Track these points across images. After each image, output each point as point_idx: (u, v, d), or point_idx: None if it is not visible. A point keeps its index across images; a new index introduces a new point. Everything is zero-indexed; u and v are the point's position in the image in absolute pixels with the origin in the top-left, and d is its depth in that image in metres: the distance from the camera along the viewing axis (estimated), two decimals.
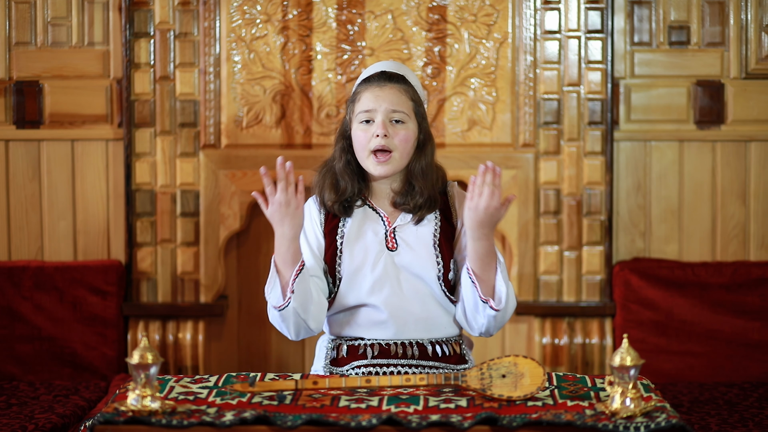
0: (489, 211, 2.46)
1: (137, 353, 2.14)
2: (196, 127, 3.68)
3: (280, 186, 2.48)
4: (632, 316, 3.60)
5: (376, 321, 2.63)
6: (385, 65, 2.74)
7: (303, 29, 3.65)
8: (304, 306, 2.54)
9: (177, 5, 3.64)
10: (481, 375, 2.26)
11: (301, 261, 2.52)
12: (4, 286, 3.61)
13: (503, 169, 3.64)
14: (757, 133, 3.71)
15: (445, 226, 2.68)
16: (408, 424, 2.09)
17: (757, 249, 3.73)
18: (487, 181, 2.45)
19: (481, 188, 2.45)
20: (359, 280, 2.63)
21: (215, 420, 2.11)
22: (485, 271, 2.54)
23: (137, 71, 3.66)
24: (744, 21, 3.67)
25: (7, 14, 3.70)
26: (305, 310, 2.54)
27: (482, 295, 2.54)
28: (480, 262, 2.53)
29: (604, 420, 2.10)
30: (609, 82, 3.63)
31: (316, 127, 3.67)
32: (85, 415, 3.22)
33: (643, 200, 3.75)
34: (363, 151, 2.64)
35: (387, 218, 2.67)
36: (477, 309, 2.57)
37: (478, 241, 2.51)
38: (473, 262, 2.53)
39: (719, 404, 3.26)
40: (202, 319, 3.72)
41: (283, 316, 2.55)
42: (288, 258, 2.52)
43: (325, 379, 2.31)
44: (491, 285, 2.55)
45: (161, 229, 3.70)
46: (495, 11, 3.63)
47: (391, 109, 2.64)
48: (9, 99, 3.72)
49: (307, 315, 2.55)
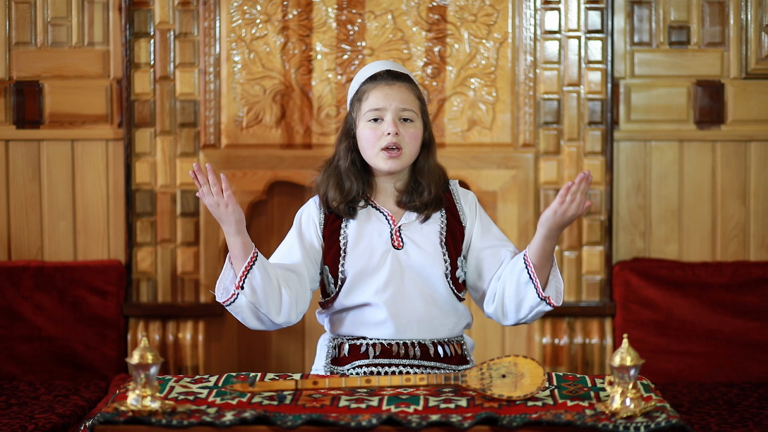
0: (574, 217, 2.47)
1: (137, 353, 2.14)
2: (196, 127, 3.68)
3: (204, 190, 2.50)
4: (632, 316, 3.61)
5: (377, 320, 2.63)
6: (389, 64, 2.74)
7: (303, 29, 3.65)
8: (257, 300, 2.54)
9: (177, 5, 3.64)
10: (481, 375, 2.26)
11: (252, 254, 2.52)
12: (4, 286, 3.61)
13: (503, 169, 3.64)
14: (757, 133, 3.71)
15: (451, 224, 2.68)
16: (408, 424, 2.09)
17: (757, 249, 3.73)
18: (582, 189, 2.45)
19: (575, 195, 2.45)
20: (365, 280, 2.63)
21: (215, 420, 2.11)
22: (544, 268, 2.55)
23: (137, 71, 3.66)
24: (744, 21, 3.67)
25: (7, 14, 3.70)
26: (259, 304, 2.54)
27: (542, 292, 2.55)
28: (544, 259, 2.54)
29: (604, 420, 2.10)
30: (609, 82, 3.63)
31: (316, 127, 3.67)
32: (85, 415, 3.22)
33: (643, 200, 3.75)
34: (372, 148, 2.64)
35: (391, 217, 2.67)
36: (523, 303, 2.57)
37: (549, 240, 2.52)
38: (538, 259, 2.54)
39: (719, 404, 3.26)
40: (202, 319, 3.73)
41: (233, 310, 2.57)
42: (236, 251, 2.53)
43: (325, 379, 2.31)
44: (545, 280, 2.56)
45: (161, 229, 3.70)
46: (495, 11, 3.63)
47: (402, 108, 2.64)
48: (9, 99, 3.72)
49: (269, 309, 2.55)
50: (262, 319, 2.58)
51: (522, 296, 2.57)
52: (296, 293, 2.61)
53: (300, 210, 2.74)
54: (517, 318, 2.62)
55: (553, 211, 2.47)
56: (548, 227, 2.50)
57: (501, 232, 2.73)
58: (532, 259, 2.54)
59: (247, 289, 2.53)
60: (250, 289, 2.53)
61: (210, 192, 2.49)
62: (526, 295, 2.56)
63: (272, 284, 2.55)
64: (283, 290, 2.58)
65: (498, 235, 2.71)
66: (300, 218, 2.72)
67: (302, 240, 2.67)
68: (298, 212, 2.74)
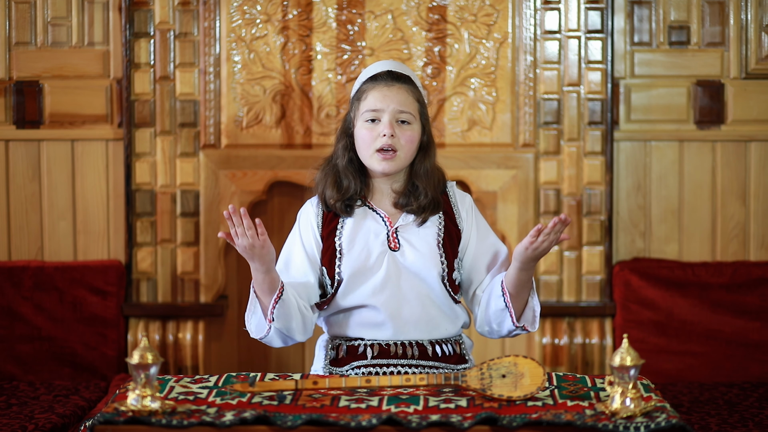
0: (547, 251, 2.51)
1: (137, 353, 2.14)
2: (196, 127, 3.68)
3: (239, 232, 2.45)
4: (632, 316, 3.61)
5: (374, 322, 2.63)
6: (390, 65, 2.74)
7: (303, 29, 3.65)
8: (287, 326, 2.57)
9: (177, 5, 3.64)
10: (481, 375, 2.26)
11: (280, 287, 2.53)
12: (4, 286, 3.61)
13: (503, 169, 3.64)
14: (757, 133, 3.71)
15: (448, 227, 2.68)
16: (408, 424, 2.09)
17: (757, 249, 3.73)
18: (556, 230, 2.47)
19: (549, 236, 2.47)
20: (361, 281, 2.63)
21: (215, 420, 2.11)
22: (521, 294, 2.59)
23: (137, 71, 3.66)
24: (744, 21, 3.67)
25: (7, 14, 3.70)
26: (288, 329, 2.58)
27: (516, 321, 2.59)
28: (520, 287, 2.57)
29: (604, 420, 2.10)
30: (609, 82, 3.63)
31: (316, 127, 3.67)
32: (85, 415, 3.22)
33: (643, 200, 3.75)
34: (367, 149, 2.64)
35: (388, 218, 2.67)
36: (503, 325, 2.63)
37: (524, 272, 2.55)
38: (513, 287, 2.57)
39: (719, 404, 3.26)
40: (202, 319, 3.72)
41: (267, 340, 2.61)
42: (265, 287, 2.53)
43: (325, 379, 2.31)
44: (523, 305, 2.60)
45: (161, 229, 3.70)
46: (495, 11, 3.63)
47: (399, 110, 2.63)
48: (9, 99, 3.72)
49: (292, 332, 2.60)
50: (287, 341, 2.63)
51: (500, 320, 2.63)
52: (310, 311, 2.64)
53: (299, 214, 2.74)
54: (500, 336, 2.69)
55: (524, 247, 2.50)
56: (521, 261, 2.53)
57: (495, 237, 2.75)
58: (508, 287, 2.58)
59: (276, 319, 2.55)
60: (278, 319, 2.55)
61: (245, 234, 2.44)
62: (503, 320, 2.62)
63: (295, 308, 2.58)
64: (304, 311, 2.61)
65: (493, 242, 2.73)
66: (299, 225, 2.72)
67: (305, 251, 2.68)
68: (297, 217, 2.74)
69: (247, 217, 2.44)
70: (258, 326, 2.58)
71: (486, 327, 2.69)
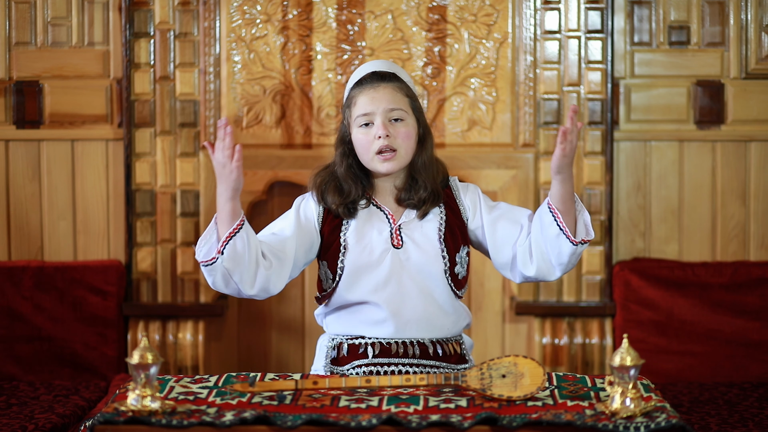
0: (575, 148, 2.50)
1: (137, 353, 2.14)
2: (196, 127, 3.68)
3: (217, 146, 2.47)
4: (632, 316, 3.61)
5: (375, 319, 2.63)
6: (374, 65, 2.74)
7: (303, 29, 3.65)
8: (234, 268, 2.52)
9: (177, 5, 3.64)
10: (481, 375, 2.26)
11: (240, 221, 2.50)
12: (4, 286, 3.61)
13: (503, 169, 3.65)
14: (757, 133, 3.71)
15: (450, 220, 2.68)
16: (408, 424, 2.09)
17: (757, 249, 3.73)
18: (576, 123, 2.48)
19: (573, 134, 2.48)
20: (364, 277, 2.63)
21: (215, 420, 2.11)
22: (570, 211, 2.56)
23: (137, 71, 3.66)
24: (744, 21, 3.67)
25: (7, 14, 3.71)
26: (234, 272, 2.52)
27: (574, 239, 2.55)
28: (569, 202, 2.55)
29: (604, 420, 2.10)
30: (609, 82, 3.63)
31: (316, 127, 3.67)
32: (85, 415, 3.22)
33: (643, 200, 3.75)
34: (367, 153, 2.64)
35: (392, 216, 2.68)
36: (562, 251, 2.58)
37: (568, 182, 2.54)
38: (562, 203, 2.55)
39: (719, 404, 3.26)
40: (202, 319, 3.73)
41: (209, 271, 2.55)
42: (224, 215, 2.50)
43: (325, 379, 2.31)
44: (573, 222, 2.57)
45: (161, 229, 3.70)
46: (495, 11, 3.64)
47: (389, 108, 2.64)
48: (9, 99, 3.72)
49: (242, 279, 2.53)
50: (231, 285, 2.56)
51: (558, 248, 2.58)
52: (272, 274, 2.59)
53: (299, 197, 2.73)
54: (562, 268, 2.62)
55: (562, 156, 2.49)
56: (563, 171, 2.52)
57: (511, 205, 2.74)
58: (557, 205, 2.55)
59: (226, 255, 2.51)
60: (229, 256, 2.51)
61: (222, 150, 2.46)
62: (561, 246, 2.57)
63: (251, 256, 2.53)
64: (260, 266, 2.56)
65: (507, 206, 2.72)
66: (300, 204, 2.71)
67: (299, 222, 2.66)
68: (298, 199, 2.73)
69: (230, 137, 2.45)
70: (208, 252, 2.54)
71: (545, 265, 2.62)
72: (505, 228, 2.67)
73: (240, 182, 2.49)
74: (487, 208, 2.70)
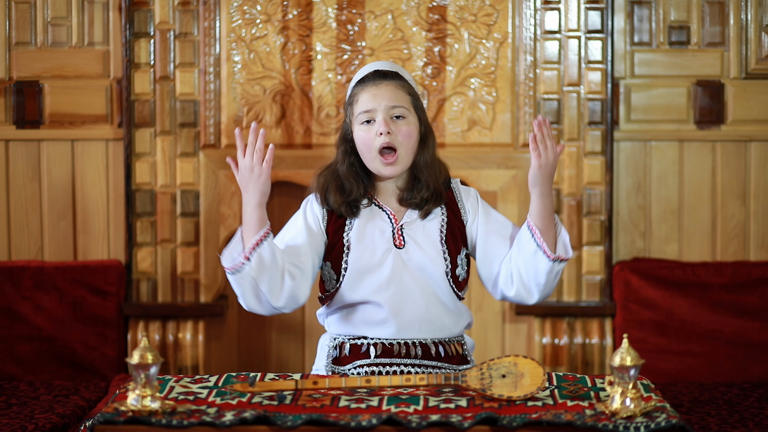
0: (555, 162, 2.54)
1: (137, 353, 2.14)
2: (196, 127, 3.68)
3: (248, 150, 2.52)
4: (632, 316, 3.61)
5: (377, 319, 2.63)
6: (376, 65, 2.74)
7: (303, 29, 3.65)
8: (261, 276, 2.52)
9: (177, 5, 3.64)
10: (481, 375, 2.26)
11: (266, 229, 2.52)
12: (4, 286, 3.61)
13: (503, 169, 3.65)
14: (757, 133, 3.71)
15: (452, 222, 2.68)
16: (408, 424, 2.09)
17: (757, 249, 3.73)
18: (545, 133, 2.51)
19: (544, 142, 2.51)
20: (366, 277, 2.63)
21: (215, 420, 2.11)
22: (549, 229, 2.58)
23: (137, 71, 3.66)
24: (744, 21, 3.67)
25: (7, 14, 3.70)
26: (262, 281, 2.52)
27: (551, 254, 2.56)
28: (548, 219, 2.57)
29: (604, 420, 2.10)
30: (609, 82, 3.63)
31: (316, 127, 3.67)
32: (85, 415, 3.22)
33: (643, 200, 3.75)
34: (369, 152, 2.64)
35: (394, 216, 2.68)
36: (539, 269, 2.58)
37: (546, 197, 2.56)
38: (541, 220, 2.57)
39: (719, 404, 3.26)
40: (202, 319, 3.73)
41: (237, 280, 2.54)
42: (251, 224, 2.52)
43: (325, 379, 2.31)
44: (553, 240, 2.58)
45: (161, 229, 3.70)
46: (495, 11, 3.64)
47: (391, 105, 2.64)
48: (9, 99, 3.72)
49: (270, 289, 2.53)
50: (261, 298, 2.56)
51: (535, 267, 2.59)
52: (297, 285, 2.60)
53: (304, 202, 2.74)
54: (539, 290, 2.62)
55: (538, 167, 2.53)
56: (540, 183, 2.55)
57: (505, 218, 2.73)
58: (535, 222, 2.57)
59: (253, 262, 2.51)
60: (256, 263, 2.51)
61: (251, 154, 2.50)
62: (538, 264, 2.58)
63: (277, 266, 2.54)
64: (286, 276, 2.57)
65: (503, 221, 2.72)
66: (305, 211, 2.71)
67: (308, 228, 2.67)
68: (302, 205, 2.74)
69: (262, 139, 2.50)
70: (234, 258, 2.54)
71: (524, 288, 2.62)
72: (496, 243, 2.68)
73: (268, 186, 2.53)
74: (484, 217, 2.70)
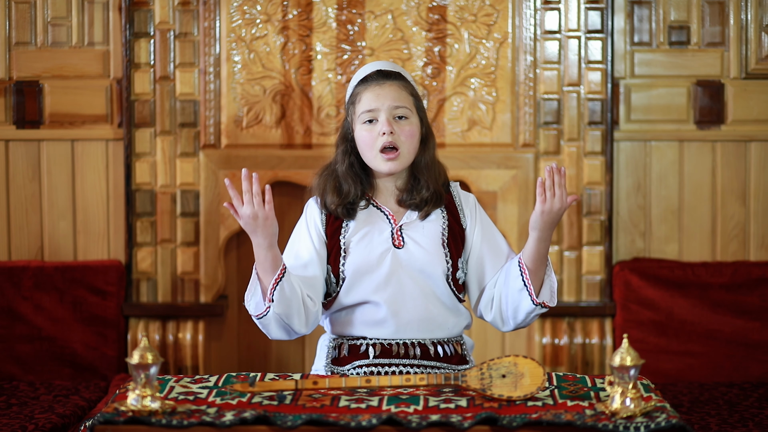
0: (561, 211, 2.50)
1: (137, 353, 2.14)
2: (196, 127, 3.68)
3: (246, 199, 2.46)
4: (632, 316, 3.61)
5: (376, 319, 2.63)
6: (379, 65, 2.74)
7: (303, 29, 3.65)
8: (286, 312, 2.54)
9: (177, 5, 3.64)
10: (481, 375, 2.26)
11: (282, 268, 2.51)
12: (4, 286, 3.61)
13: (503, 169, 3.64)
14: (757, 133, 3.71)
15: (452, 226, 2.68)
16: (408, 424, 2.09)
17: (757, 249, 3.73)
18: (557, 181, 2.48)
19: (552, 190, 2.48)
20: (364, 278, 2.63)
21: (215, 420, 2.11)
22: (539, 271, 2.57)
23: (137, 71, 3.66)
24: (744, 21, 3.67)
25: (7, 14, 3.71)
26: (288, 315, 2.55)
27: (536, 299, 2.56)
28: (539, 262, 2.56)
29: (604, 420, 2.10)
30: (609, 82, 3.63)
31: (316, 127, 3.67)
32: (85, 415, 3.22)
33: (643, 200, 3.75)
34: (370, 150, 2.64)
35: (392, 216, 2.67)
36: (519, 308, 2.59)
37: (542, 242, 2.54)
38: (532, 262, 2.56)
39: (719, 404, 3.26)
40: (202, 319, 3.73)
41: (263, 323, 2.58)
42: (267, 266, 2.51)
43: (325, 379, 2.31)
44: (539, 283, 2.58)
45: (161, 229, 3.70)
46: (495, 11, 3.64)
47: (394, 105, 2.64)
48: (9, 99, 3.72)
49: (291, 319, 2.56)
50: (287, 329, 2.59)
51: (517, 303, 2.60)
52: (315, 307, 2.62)
53: (304, 209, 2.74)
54: (516, 324, 2.65)
55: (540, 212, 2.50)
56: (539, 228, 2.53)
57: (501, 236, 2.73)
58: (526, 262, 2.57)
59: (276, 302, 2.52)
60: (278, 302, 2.52)
61: (251, 202, 2.45)
62: (521, 302, 2.59)
63: (297, 296, 2.56)
64: (307, 301, 2.59)
65: (498, 241, 2.71)
66: (306, 219, 2.71)
67: (313, 244, 2.67)
68: (304, 210, 2.74)
69: (258, 182, 2.45)
70: (257, 305, 2.56)
71: (500, 317, 2.65)
72: (488, 264, 2.69)
73: (275, 227, 2.48)
74: (481, 230, 2.71)
